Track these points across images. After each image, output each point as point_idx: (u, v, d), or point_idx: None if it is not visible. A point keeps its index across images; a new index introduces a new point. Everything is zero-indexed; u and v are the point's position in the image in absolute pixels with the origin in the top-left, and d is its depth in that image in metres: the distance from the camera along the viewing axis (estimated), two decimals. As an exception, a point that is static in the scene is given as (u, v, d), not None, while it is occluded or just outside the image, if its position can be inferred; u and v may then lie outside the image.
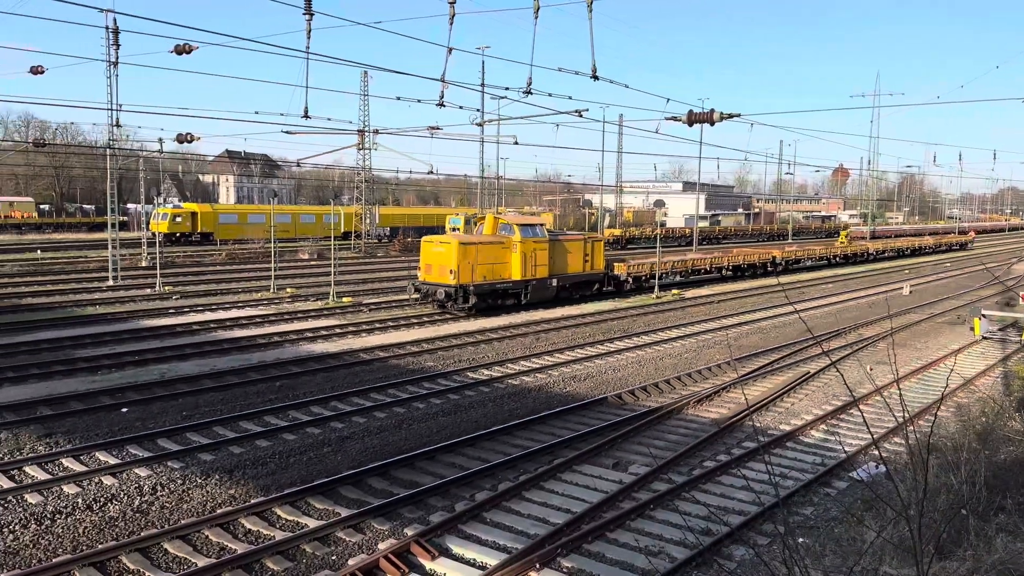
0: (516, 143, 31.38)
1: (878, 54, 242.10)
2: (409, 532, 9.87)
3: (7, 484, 11.40)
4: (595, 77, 14.65)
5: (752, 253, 45.69)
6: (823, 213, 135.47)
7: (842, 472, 12.49)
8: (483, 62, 41.39)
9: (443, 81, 15.33)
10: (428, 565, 9.10)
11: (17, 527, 9.97)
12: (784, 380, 18.88)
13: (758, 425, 15.16)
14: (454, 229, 71.36)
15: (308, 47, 13.99)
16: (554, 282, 30.48)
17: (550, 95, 17.82)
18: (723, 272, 42.49)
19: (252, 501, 10.89)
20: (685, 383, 18.78)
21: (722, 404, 16.77)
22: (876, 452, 13.09)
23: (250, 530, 10.14)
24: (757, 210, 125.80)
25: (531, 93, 15.35)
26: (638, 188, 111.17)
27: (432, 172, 36.56)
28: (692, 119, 13.45)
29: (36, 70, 19.71)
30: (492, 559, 9.18)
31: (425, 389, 17.52)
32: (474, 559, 9.28)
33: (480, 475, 12.04)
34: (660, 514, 10.67)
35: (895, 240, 67.02)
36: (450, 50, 14.59)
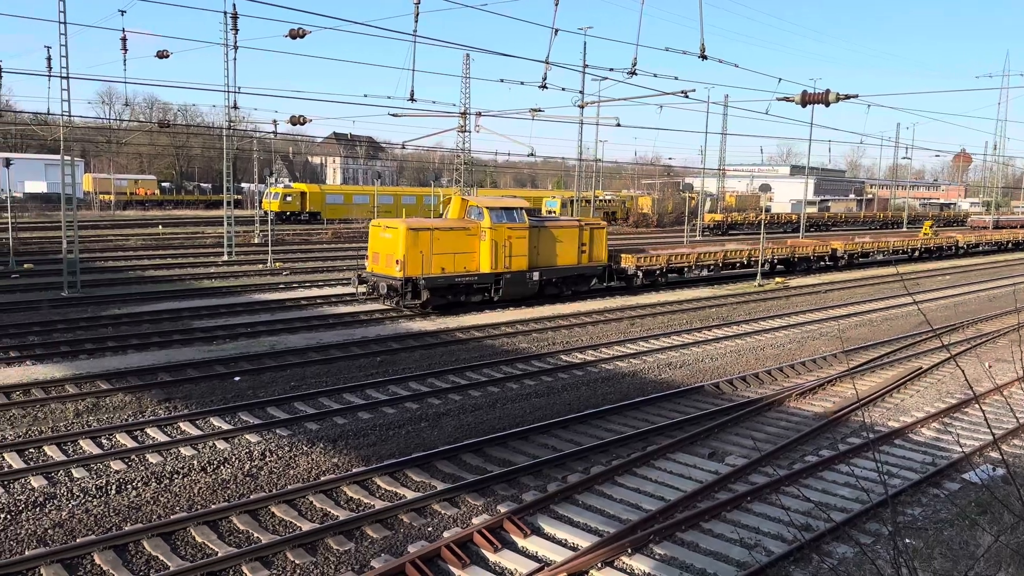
0: (619, 124, 28.92)
1: (1007, 32, 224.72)
2: (502, 509, 10.03)
3: (131, 444, 12.27)
4: (703, 56, 14.28)
5: (806, 245, 39.87)
6: (942, 200, 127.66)
7: (954, 473, 11.83)
8: (584, 43, 40.99)
9: (547, 63, 15.29)
10: (520, 542, 9.23)
11: (139, 484, 10.73)
12: (894, 375, 18.00)
13: (866, 421, 14.53)
14: (550, 212, 71.53)
15: (415, 30, 14.27)
16: (535, 276, 26.11)
17: (655, 75, 17.50)
18: (773, 265, 37.51)
19: (354, 470, 11.33)
20: (787, 374, 18.20)
21: (826, 398, 16.17)
22: (993, 453, 12.34)
23: (351, 498, 10.55)
24: (870, 196, 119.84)
25: (635, 74, 15.13)
26: (742, 172, 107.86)
27: (532, 155, 36.40)
28: (806, 99, 12.92)
29: (161, 54, 20.92)
30: (583, 540, 9.22)
31: (519, 370, 17.67)
32: (565, 539, 9.34)
33: (572, 457, 12.09)
34: (758, 507, 10.42)
35: (993, 232, 61.10)
36: (556, 31, 14.55)
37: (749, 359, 19.75)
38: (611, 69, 17.59)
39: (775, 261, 37.42)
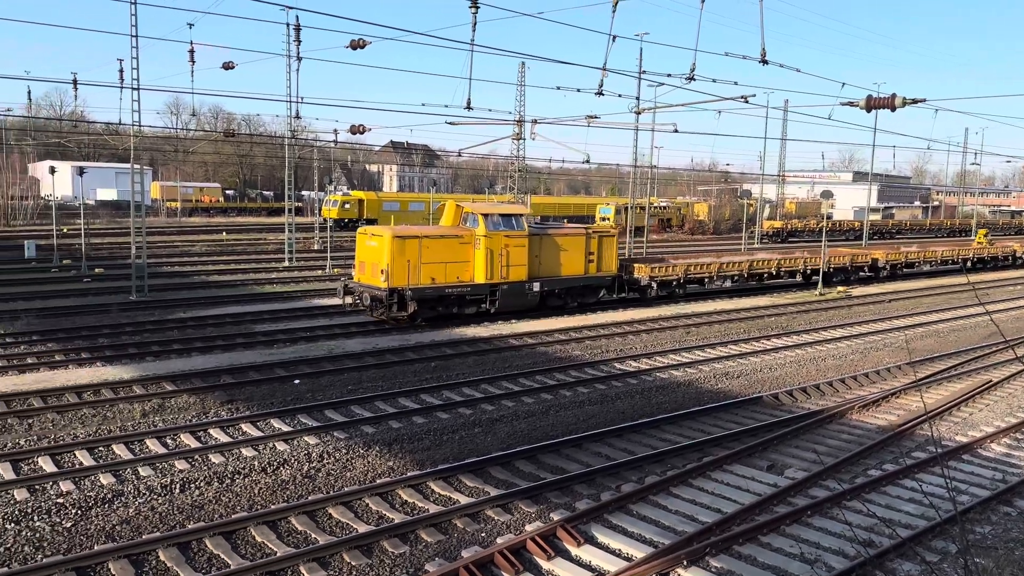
0: (676, 130, 27.91)
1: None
2: (555, 517, 10.00)
3: (195, 444, 12.63)
4: (764, 61, 14.07)
5: (843, 254, 36.61)
6: (1013, 208, 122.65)
7: (1029, 492, 11.33)
8: (640, 49, 40.83)
9: (604, 69, 15.27)
10: (573, 551, 9.19)
11: (202, 483, 11.04)
12: (962, 388, 17.35)
13: (932, 435, 14.04)
14: (604, 219, 71.16)
15: (473, 39, 14.39)
16: (536, 287, 24.65)
17: (714, 80, 17.33)
18: (806, 276, 34.69)
19: (409, 474, 11.45)
20: (849, 386, 17.71)
21: (890, 410, 15.68)
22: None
23: (406, 501, 10.67)
24: (936, 203, 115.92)
25: (694, 79, 15.01)
26: (803, 178, 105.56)
27: (588, 161, 36.17)
28: (871, 104, 12.60)
29: (227, 65, 21.59)
30: (637, 551, 9.13)
31: (572, 377, 17.62)
32: (619, 549, 9.26)
33: (626, 467, 11.99)
34: (818, 521, 10.17)
35: None
36: (613, 38, 14.53)
37: (809, 370, 19.29)
38: (668, 75, 17.47)
39: (807, 271, 34.55)
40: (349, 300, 23.31)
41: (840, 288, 34.49)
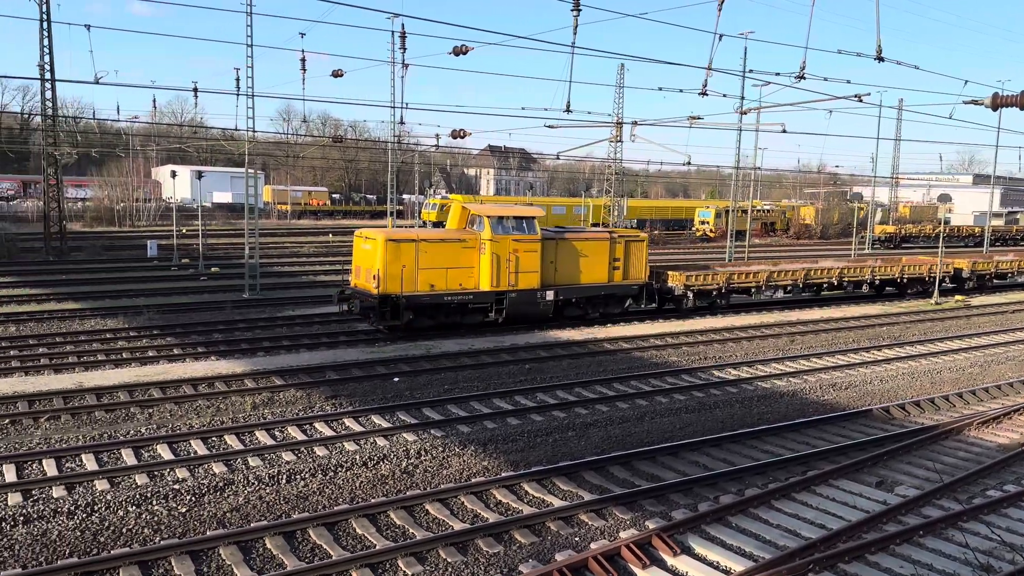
0: (784, 131, 26.16)
1: None
2: (651, 525, 9.86)
3: (300, 437, 13.16)
4: (879, 58, 13.44)
5: (922, 263, 32.89)
6: None
7: None
8: (745, 48, 39.68)
9: (708, 68, 14.96)
10: (669, 560, 9.03)
11: (307, 475, 11.48)
12: (1098, 408, 16.01)
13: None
14: (703, 222, 69.62)
15: (574, 42, 14.38)
16: (549, 295, 22.74)
17: (825, 79, 16.65)
18: (876, 287, 31.53)
19: (503, 474, 11.55)
20: (967, 401, 16.68)
21: (1013, 428, 14.66)
22: None
23: (500, 501, 10.76)
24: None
25: (804, 78, 14.47)
26: (918, 180, 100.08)
27: (689, 163, 35.42)
28: (998, 103, 11.81)
29: (336, 73, 22.42)
30: (736, 564, 8.89)
31: (668, 384, 17.33)
32: (717, 562, 9.04)
33: (725, 477, 11.69)
34: (931, 542, 9.61)
35: None
36: (720, 36, 14.20)
37: (923, 383, 18.27)
38: (777, 74, 16.93)
39: (875, 282, 31.13)
40: (345, 307, 22.09)
41: (958, 297, 32.48)
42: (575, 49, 14.79)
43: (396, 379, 16.97)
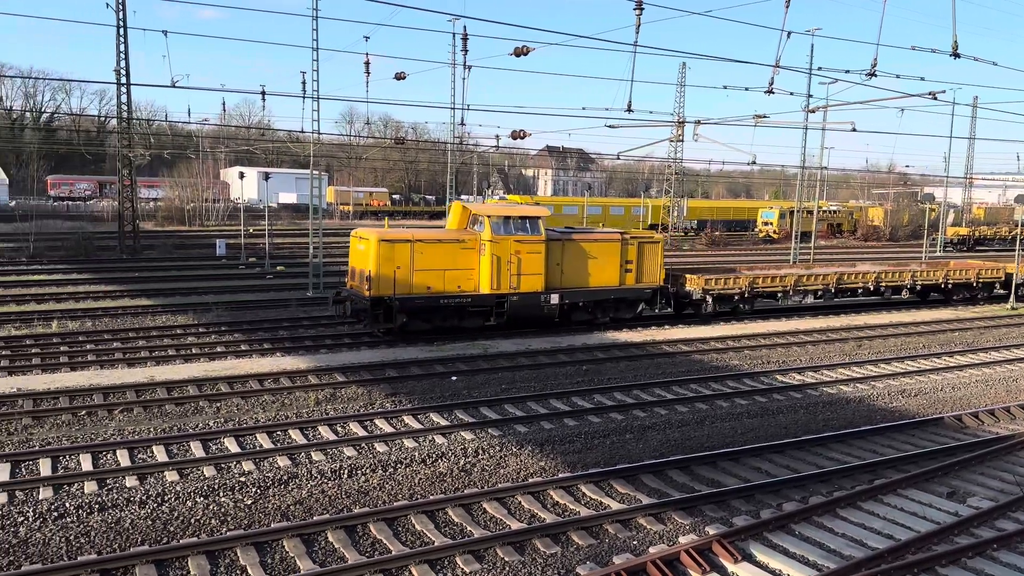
0: (854, 129, 24.93)
1: None
2: (711, 531, 9.71)
3: (361, 433, 13.38)
4: (955, 55, 12.95)
5: (969, 267, 31.08)
6: None
7: None
8: (812, 45, 38.76)
9: (776, 66, 14.66)
10: (730, 567, 8.88)
11: (368, 471, 11.67)
12: None
13: None
14: (766, 223, 68.22)
15: (636, 41, 14.28)
16: (554, 298, 21.80)
17: (897, 76, 16.14)
18: (920, 293, 29.76)
19: (560, 475, 11.54)
20: (1047, 411, 15.92)
21: (1098, 441, 13.93)
22: None
23: (557, 502, 10.75)
24: None
25: (875, 75, 14.04)
26: (993, 181, 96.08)
27: (754, 162, 34.75)
28: (1081, 99, 11.26)
29: (399, 76, 22.74)
30: (799, 573, 8.69)
31: (729, 388, 17.05)
32: (779, 570, 8.85)
33: (788, 484, 11.44)
34: (1005, 555, 9.22)
35: None
36: (788, 34, 13.92)
37: (999, 391, 17.54)
38: (846, 71, 16.47)
39: (915, 287, 29.36)
40: (341, 310, 21.45)
41: (1037, 302, 31.04)
42: (637, 48, 14.67)
43: (454, 378, 17.11)
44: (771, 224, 66.97)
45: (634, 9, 13.64)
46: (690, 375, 17.96)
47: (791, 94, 22.23)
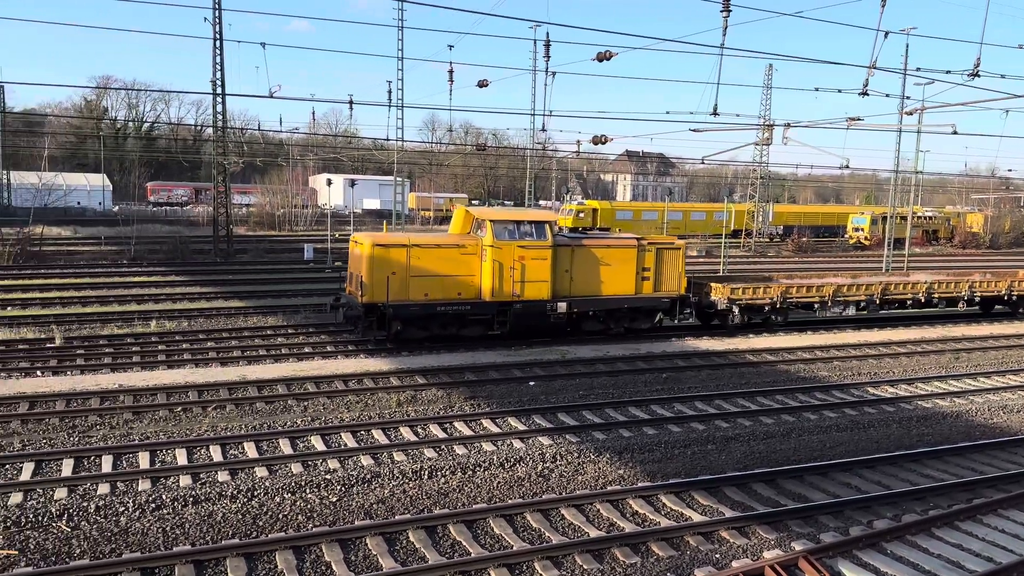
0: (955, 132, 22.89)
1: None
2: (797, 546, 9.41)
3: (441, 435, 13.56)
4: (1066, 52, 12.20)
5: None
6: None
7: None
8: (907, 44, 37.06)
9: (871, 67, 14.14)
10: (816, 585, 8.58)
11: (447, 472, 11.82)
12: None
13: None
14: (857, 229, 65.77)
15: (723, 44, 14.03)
16: (561, 307, 20.63)
17: (1002, 76, 15.30)
18: (967, 303, 26.77)
19: (639, 484, 11.40)
20: None
21: None
22: None
23: (636, 512, 10.63)
24: None
25: (978, 75, 13.35)
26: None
27: (847, 166, 33.53)
28: None
29: (482, 83, 23.00)
30: (891, 595, 8.32)
31: (817, 400, 16.50)
32: (870, 590, 8.50)
33: (880, 501, 10.99)
34: (1124, 590, 8.59)
35: None
36: (886, 34, 13.42)
37: (1115, 410, 16.37)
38: (947, 71, 15.74)
39: (973, 298, 26.85)
40: (341, 317, 20.84)
41: None
42: (724, 50, 14.41)
43: (531, 383, 17.15)
44: (862, 230, 64.54)
45: (721, 11, 13.41)
46: (775, 386, 17.48)
47: (886, 96, 21.30)
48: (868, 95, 16.29)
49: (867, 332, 24.21)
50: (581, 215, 67.28)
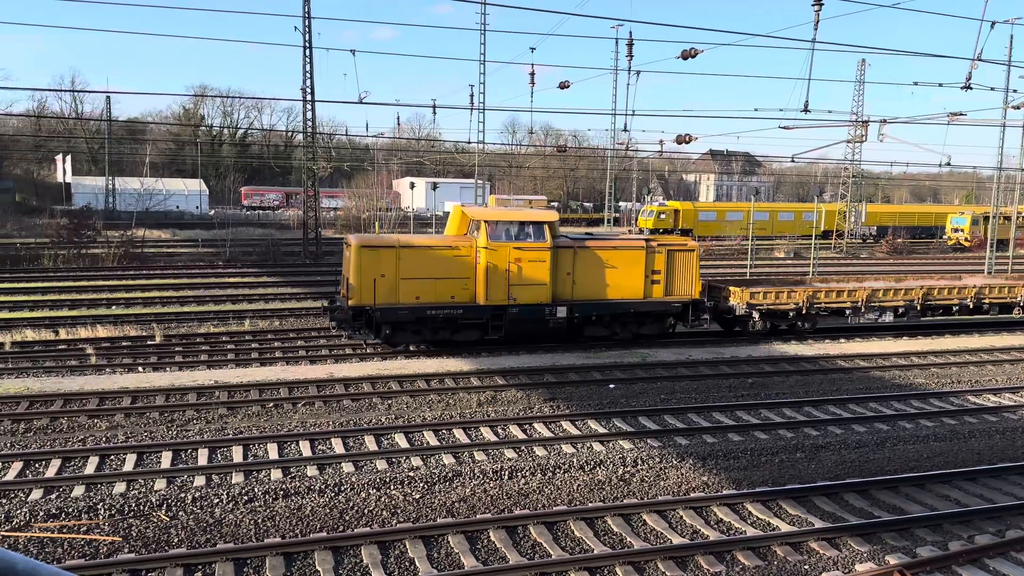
0: None
1: None
2: (892, 560, 9.02)
3: (521, 436, 13.61)
4: None
5: None
6: None
7: None
8: (1011, 36, 35.01)
9: (976, 60, 13.43)
10: (913, 602, 8.20)
11: (527, 473, 11.84)
12: None
13: None
14: (956, 229, 62.51)
15: (814, 38, 13.60)
16: (561, 311, 19.75)
17: (1122, 66, 14.24)
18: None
19: (724, 492, 11.16)
20: None
21: None
22: None
23: (721, 519, 10.40)
24: None
25: (1098, 65, 12.47)
26: None
27: (948, 163, 31.94)
28: None
29: (563, 85, 22.98)
30: (996, 616, 7.87)
31: (914, 408, 15.77)
32: (972, 610, 8.06)
33: (981, 515, 10.41)
34: None
35: None
36: (992, 24, 12.73)
37: None
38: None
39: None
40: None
41: None
42: (816, 45, 13.95)
43: (612, 386, 17.01)
44: (962, 231, 61.33)
45: (812, 5, 12.98)
46: (868, 393, 16.81)
47: (991, 89, 20.10)
48: (971, 88, 15.44)
49: (967, 338, 23.00)
50: (662, 216, 66.33)
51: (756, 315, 21.69)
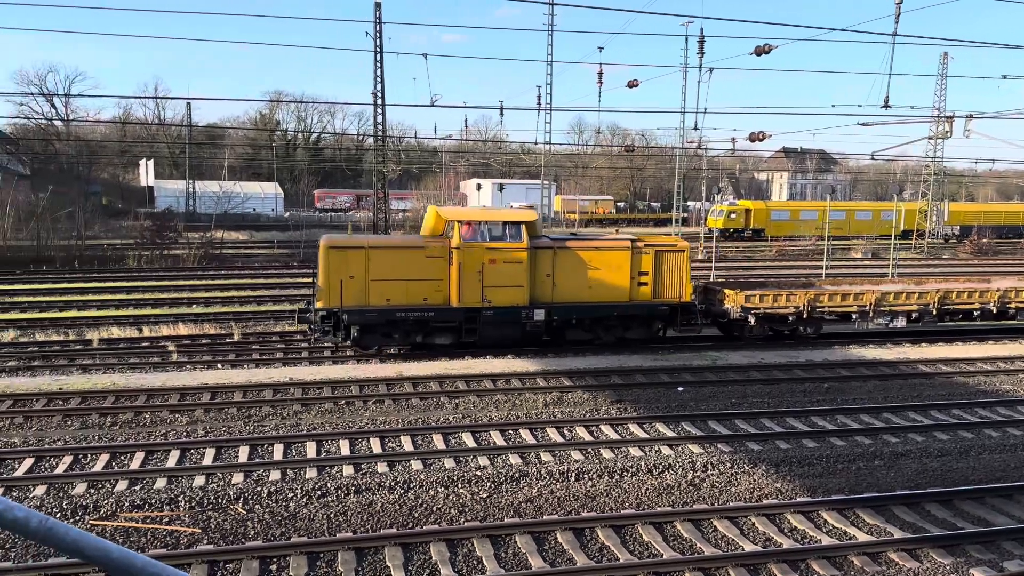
0: None
1: None
2: (976, 574, 8.63)
3: (587, 438, 13.55)
4: None
5: None
6: None
7: None
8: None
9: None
10: (1001, 620, 7.82)
11: (594, 476, 11.78)
12: None
13: None
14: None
15: (895, 31, 13.13)
16: (538, 314, 19.11)
17: None
18: None
19: (798, 499, 10.87)
20: None
21: None
22: None
23: (795, 527, 10.13)
24: None
25: None
26: None
27: (1035, 160, 30.38)
28: None
29: (632, 84, 22.80)
30: (1094, 638, 7.43)
31: (1000, 416, 15.05)
32: (1067, 631, 7.64)
33: (1077, 531, 9.84)
34: None
35: None
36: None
37: None
38: None
39: None
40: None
41: None
42: (896, 38, 13.45)
43: (680, 388, 16.77)
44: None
45: (893, -3, 12.50)
46: (951, 399, 16.12)
47: (1087, 80, 18.88)
48: (1067, 80, 14.60)
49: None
50: (733, 216, 65.02)
51: (752, 319, 20.77)
